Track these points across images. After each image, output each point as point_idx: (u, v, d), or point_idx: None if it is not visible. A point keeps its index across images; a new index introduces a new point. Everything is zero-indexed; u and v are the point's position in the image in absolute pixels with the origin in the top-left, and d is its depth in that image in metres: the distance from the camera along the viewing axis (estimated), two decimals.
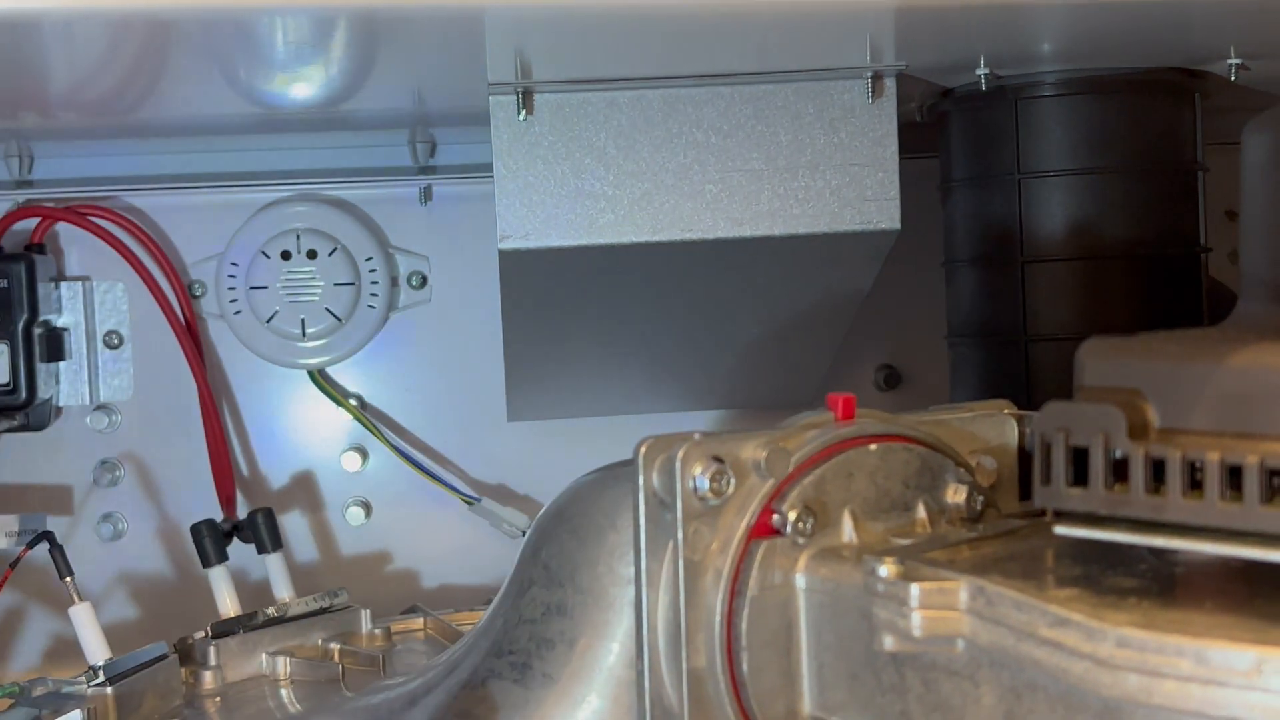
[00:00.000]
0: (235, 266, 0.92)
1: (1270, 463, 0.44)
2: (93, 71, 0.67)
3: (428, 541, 0.96)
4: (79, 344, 0.92)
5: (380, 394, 0.95)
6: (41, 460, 0.93)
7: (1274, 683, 0.41)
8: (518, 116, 0.71)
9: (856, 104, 0.73)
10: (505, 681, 0.63)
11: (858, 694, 0.53)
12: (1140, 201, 0.79)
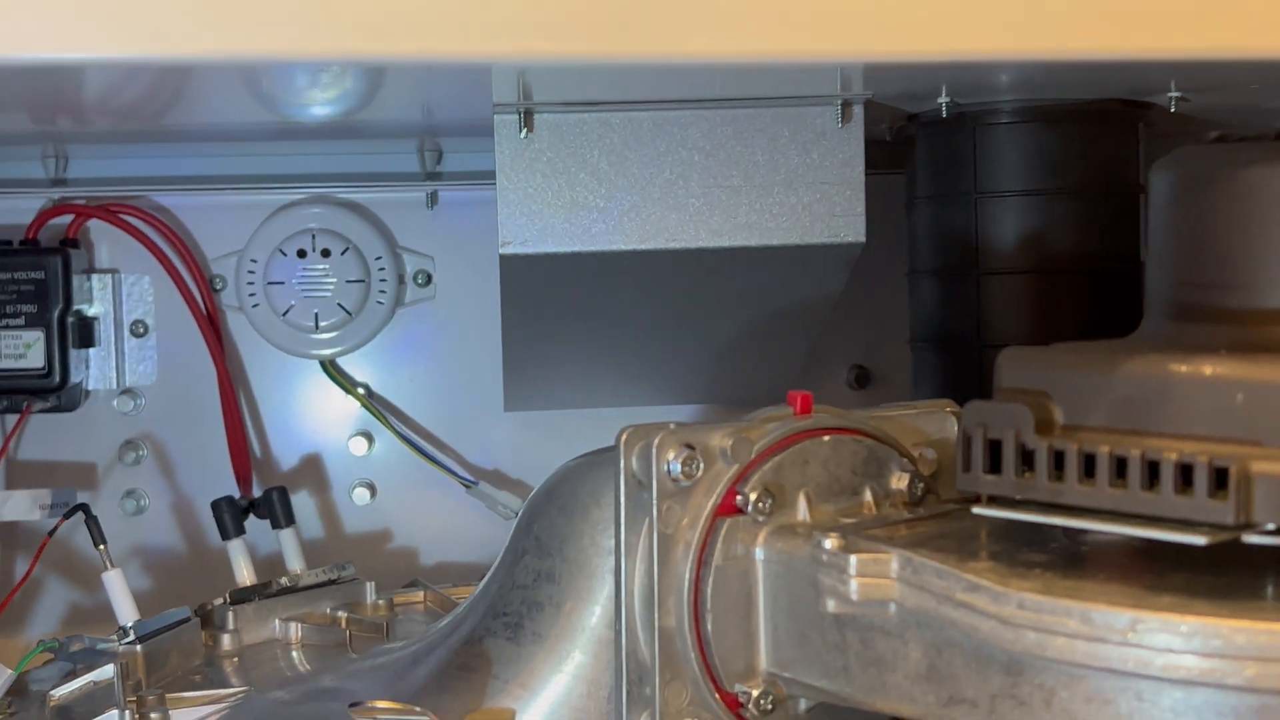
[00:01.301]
0: (254, 263, 0.94)
1: (1150, 455, 0.50)
2: (124, 86, 0.67)
3: (427, 521, 0.98)
4: (108, 332, 0.94)
5: (386, 383, 0.98)
6: (70, 439, 0.95)
7: (1145, 639, 0.46)
8: (519, 134, 0.73)
9: (827, 128, 0.75)
10: (500, 639, 0.66)
11: (806, 651, 0.58)
12: (1086, 220, 0.81)
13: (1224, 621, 0.46)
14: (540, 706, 0.64)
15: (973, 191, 0.82)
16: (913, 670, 0.54)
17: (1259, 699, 0.46)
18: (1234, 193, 0.56)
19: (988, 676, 0.51)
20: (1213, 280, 0.57)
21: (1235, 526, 0.48)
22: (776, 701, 0.60)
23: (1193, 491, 0.49)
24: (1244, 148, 0.56)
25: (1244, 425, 0.50)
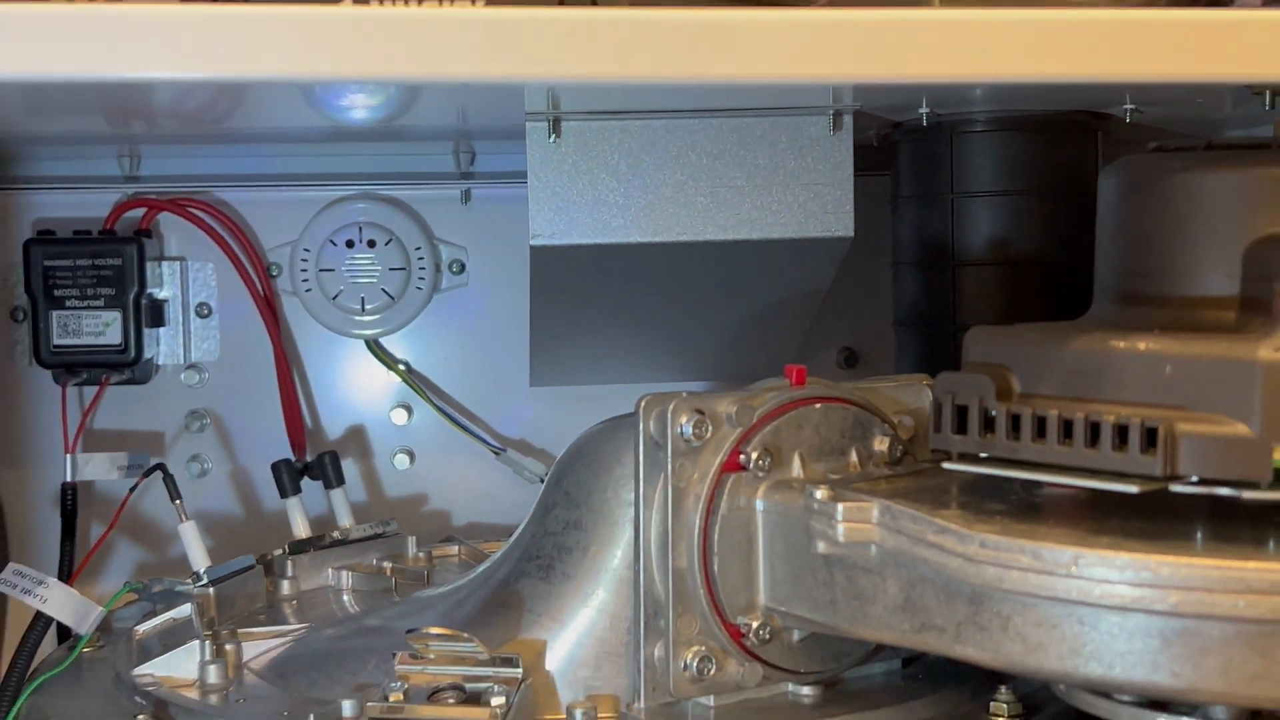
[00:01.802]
0: (307, 252, 0.95)
1: (1092, 418, 0.53)
2: (190, 94, 0.67)
3: (460, 485, 0.99)
4: (176, 313, 0.95)
5: (424, 361, 0.98)
6: (142, 409, 0.95)
7: (1086, 573, 0.49)
8: (548, 139, 0.73)
9: (820, 135, 0.75)
10: (533, 580, 0.67)
11: (799, 588, 0.60)
12: (1050, 218, 0.82)
13: (1152, 557, 0.49)
14: (569, 637, 0.65)
15: (949, 192, 0.83)
16: (890, 602, 0.56)
17: (1181, 623, 0.48)
18: (1166, 196, 0.58)
19: (954, 607, 0.53)
20: (1149, 270, 0.59)
21: (1163, 478, 0.51)
22: (773, 632, 0.62)
23: (1128, 448, 0.52)
24: (1176, 157, 0.58)
25: (1172, 393, 0.52)
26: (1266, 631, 0.48)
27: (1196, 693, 0.50)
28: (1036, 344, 0.57)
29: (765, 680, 0.64)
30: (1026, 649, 0.52)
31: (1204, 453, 0.51)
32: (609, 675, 0.64)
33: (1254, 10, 0.53)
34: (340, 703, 0.61)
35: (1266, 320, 0.52)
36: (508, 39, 0.49)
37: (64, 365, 0.92)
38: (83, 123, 0.79)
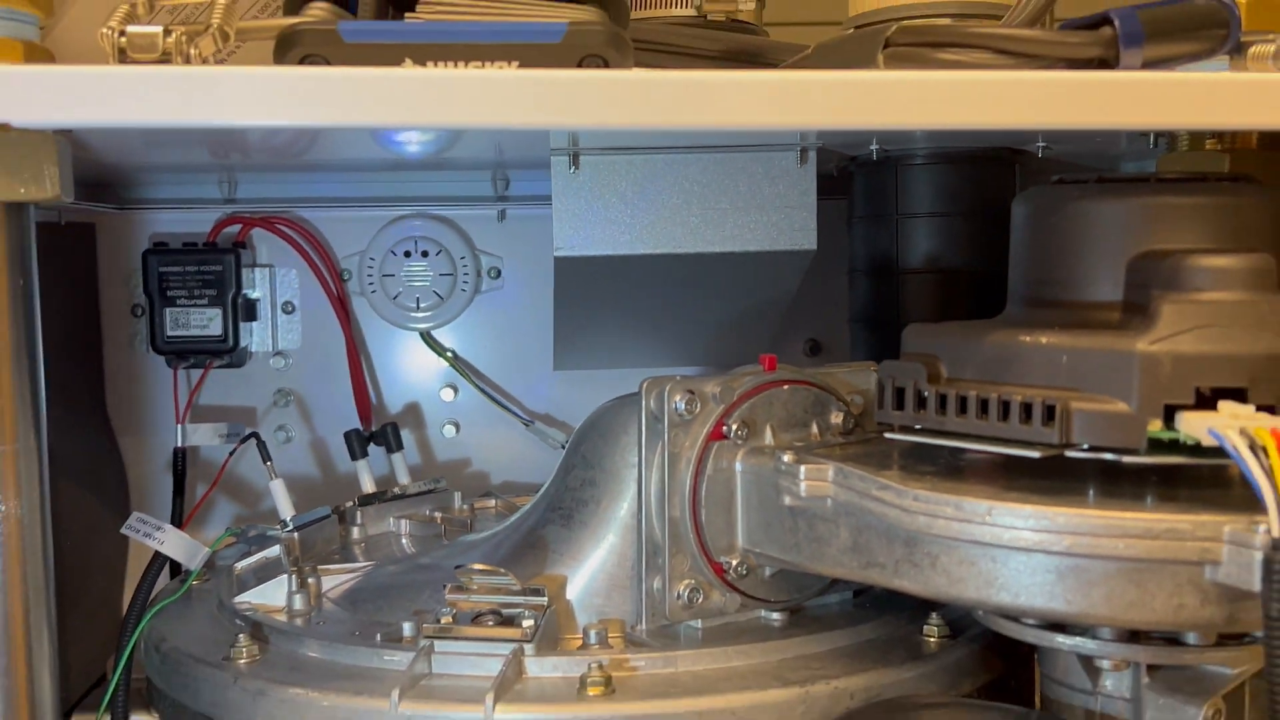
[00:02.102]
0: (373, 260, 0.95)
1: (1004, 397, 0.53)
2: (270, 137, 0.68)
3: (497, 451, 0.99)
4: (265, 310, 0.95)
5: (468, 349, 0.98)
6: (238, 388, 0.96)
7: (998, 521, 0.50)
8: (569, 170, 0.73)
9: (789, 167, 0.74)
10: (556, 527, 0.68)
11: (769, 534, 0.61)
12: (975, 236, 0.81)
13: (1050, 508, 0.50)
14: (584, 573, 0.66)
15: (895, 214, 0.82)
16: (842, 545, 0.57)
17: (1073, 561, 0.49)
18: (1066, 220, 0.58)
19: (893, 548, 0.54)
20: (1051, 279, 0.59)
21: (1060, 445, 0.52)
22: (749, 569, 0.63)
23: (1032, 422, 0.52)
24: (1074, 188, 0.58)
25: (1067, 378, 0.52)
26: (1140, 568, 0.49)
27: (1085, 617, 0.51)
28: (961, 338, 0.57)
29: (743, 607, 0.65)
30: (950, 582, 0.52)
31: (1092, 425, 0.51)
32: (617, 603, 0.65)
33: (1134, 73, 0.53)
34: (401, 624, 0.63)
35: (1144, 320, 0.52)
36: (536, 94, 0.50)
37: (175, 352, 0.92)
38: (190, 156, 0.79)
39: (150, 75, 0.48)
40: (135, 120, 0.48)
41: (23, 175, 0.49)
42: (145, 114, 0.48)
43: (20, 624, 0.52)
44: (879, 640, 0.64)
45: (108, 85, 0.47)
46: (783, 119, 0.51)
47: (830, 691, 0.59)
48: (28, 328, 0.52)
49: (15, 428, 0.51)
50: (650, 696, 0.57)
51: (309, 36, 0.52)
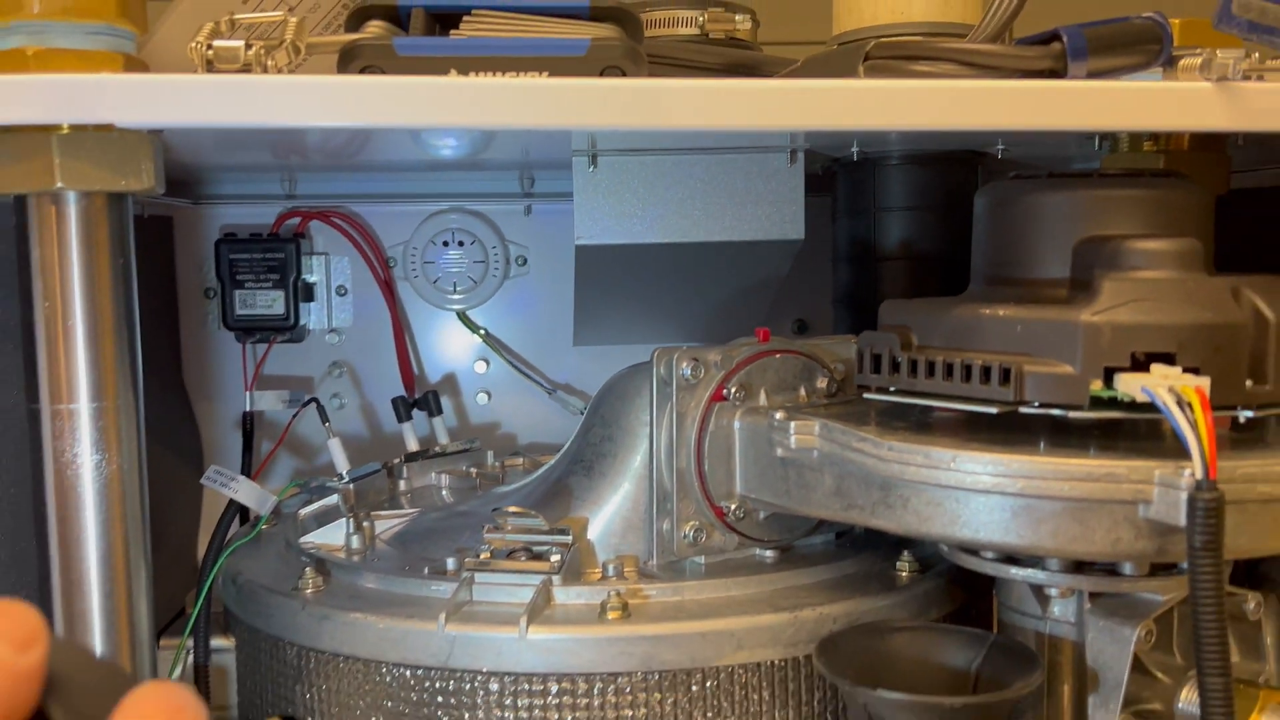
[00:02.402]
0: (415, 249, 0.96)
1: (966, 362, 0.54)
2: (329, 140, 0.68)
3: (523, 415, 0.99)
4: (322, 292, 0.96)
5: (498, 326, 0.98)
6: (298, 360, 0.96)
7: (961, 467, 0.51)
8: (589, 169, 0.72)
9: (781, 166, 0.74)
10: (579, 476, 0.69)
11: (764, 481, 0.62)
12: (942, 227, 0.80)
13: (1005, 456, 0.51)
14: (603, 516, 0.67)
15: (872, 208, 0.82)
16: (826, 490, 0.58)
17: (1025, 501, 0.50)
18: (1021, 209, 0.58)
19: (870, 492, 0.55)
20: (1007, 261, 0.60)
21: (1014, 402, 0.53)
22: (746, 512, 0.64)
23: (990, 383, 0.53)
24: (1028, 182, 0.59)
25: (1021, 344, 0.53)
26: (1083, 507, 0.50)
27: (1036, 549, 0.52)
28: (929, 311, 0.58)
29: (740, 546, 0.66)
30: (920, 520, 0.53)
31: (1042, 385, 0.52)
32: (632, 542, 0.66)
33: (1080, 81, 0.55)
34: (445, 560, 0.64)
35: (1087, 295, 0.53)
36: (564, 99, 0.51)
37: (243, 329, 0.92)
38: (257, 157, 0.79)
39: (234, 82, 0.49)
40: (220, 121, 0.50)
41: (124, 170, 0.51)
42: (228, 115, 0.50)
43: (122, 557, 0.54)
44: (858, 574, 0.65)
45: (198, 91, 0.49)
46: (776, 121, 0.52)
47: (816, 617, 0.60)
48: (126, 301, 0.53)
49: (116, 386, 0.52)
50: (661, 620, 0.59)
51: (368, 50, 0.53)
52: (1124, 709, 0.54)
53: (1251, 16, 0.51)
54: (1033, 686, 0.53)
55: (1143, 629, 0.54)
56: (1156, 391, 0.48)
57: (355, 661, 0.60)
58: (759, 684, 0.59)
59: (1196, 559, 0.47)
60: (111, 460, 0.52)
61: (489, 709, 0.58)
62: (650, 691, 0.58)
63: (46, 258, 0.51)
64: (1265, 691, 0.55)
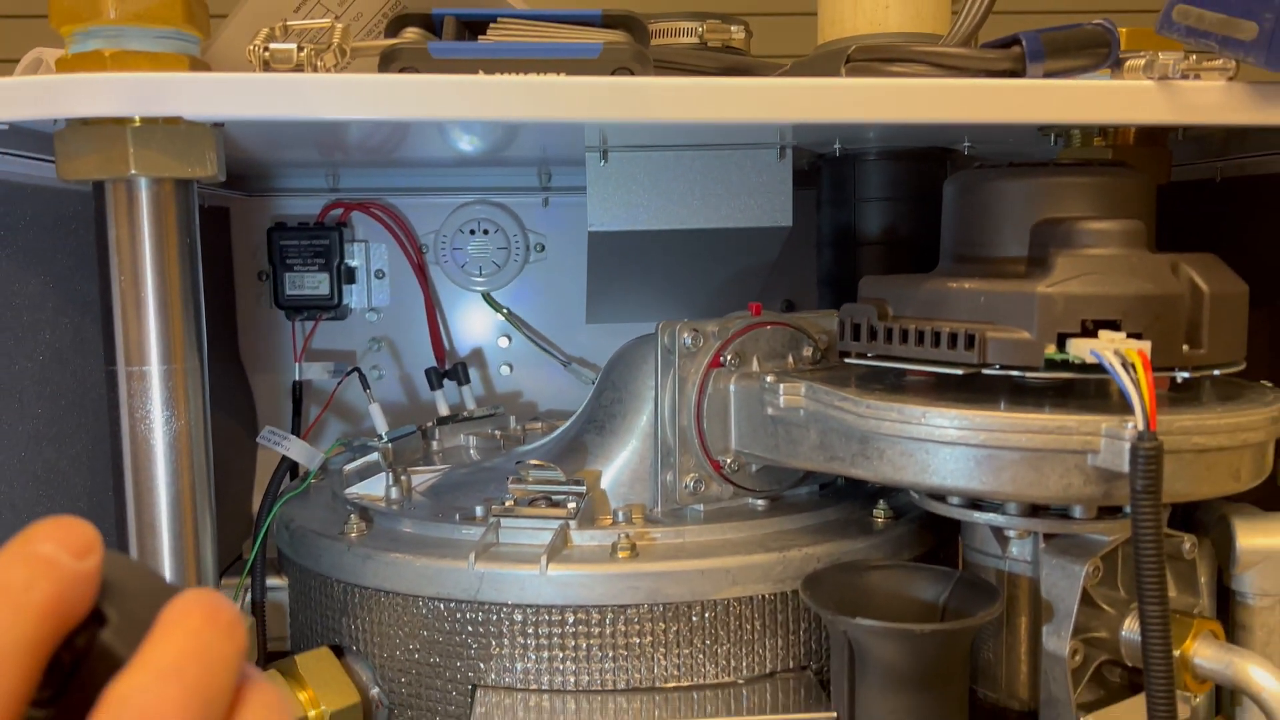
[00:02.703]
0: (445, 237, 0.96)
1: (936, 329, 0.54)
2: (369, 136, 0.68)
3: (542, 385, 0.99)
4: (362, 275, 0.95)
5: (520, 306, 0.97)
6: (342, 335, 0.96)
7: (931, 422, 0.51)
8: (600, 163, 0.72)
9: (772, 161, 0.73)
10: (592, 435, 0.69)
11: (756, 437, 0.62)
12: (915, 214, 0.80)
13: (969, 411, 0.51)
14: (613, 469, 0.67)
15: (853, 198, 0.81)
16: (811, 444, 0.59)
17: (987, 451, 0.51)
18: (984, 195, 0.59)
19: (850, 445, 0.56)
20: (972, 242, 0.60)
21: (978, 365, 0.53)
22: (740, 465, 0.65)
23: (957, 347, 0.54)
24: (990, 171, 0.59)
25: (984, 314, 0.54)
26: (1038, 456, 0.50)
27: (996, 494, 0.53)
28: (903, 285, 0.58)
29: (735, 495, 0.66)
30: (895, 469, 0.54)
31: (1002, 349, 0.53)
32: (639, 492, 0.66)
33: (1037, 80, 0.55)
34: (474, 507, 0.64)
35: (1043, 270, 0.54)
36: (580, 95, 0.51)
37: (293, 308, 0.93)
38: (303, 154, 0.79)
39: (287, 80, 0.50)
40: (275, 114, 0.50)
41: (190, 158, 0.51)
42: (282, 109, 0.50)
43: (189, 502, 0.54)
44: (839, 520, 0.66)
45: (256, 87, 0.49)
46: (767, 115, 0.52)
47: (801, 556, 0.61)
48: (192, 276, 0.54)
49: (183, 351, 0.53)
50: (665, 559, 0.59)
51: (406, 53, 0.54)
52: (1074, 636, 0.55)
53: (1190, 23, 0.51)
54: (992, 616, 0.54)
55: (1091, 565, 0.55)
56: (1104, 354, 0.49)
57: (395, 596, 0.61)
58: (751, 615, 0.60)
59: (1138, 501, 0.47)
60: (179, 416, 0.53)
61: (513, 637, 0.59)
62: (655, 621, 0.59)
63: (121, 237, 0.52)
64: (1199, 620, 0.56)
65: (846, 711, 0.55)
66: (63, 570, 0.22)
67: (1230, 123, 0.51)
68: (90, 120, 0.49)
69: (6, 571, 0.22)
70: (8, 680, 0.21)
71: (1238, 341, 0.54)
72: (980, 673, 0.60)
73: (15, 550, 0.23)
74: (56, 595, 0.22)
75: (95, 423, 0.66)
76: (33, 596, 0.22)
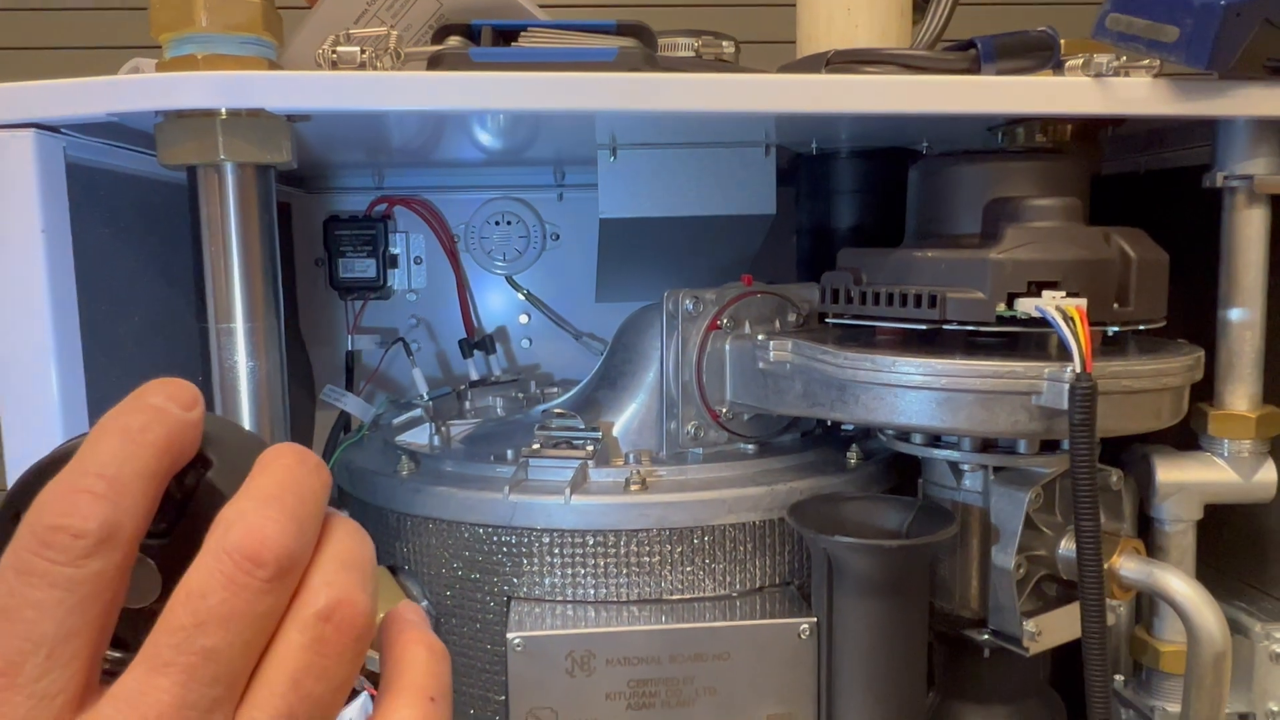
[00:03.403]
0: (474, 228, 0.96)
1: (903, 291, 0.55)
2: (409, 138, 0.68)
3: (556, 354, 0.99)
4: (404, 261, 0.95)
5: (538, 287, 0.97)
6: (386, 313, 0.96)
7: (898, 369, 0.52)
8: (610, 159, 0.72)
9: (758, 158, 0.73)
10: (605, 390, 0.69)
11: (748, 389, 0.63)
12: (883, 206, 0.79)
13: (931, 359, 0.52)
14: (625, 418, 0.67)
15: (828, 191, 0.81)
16: (797, 393, 0.59)
17: (946, 394, 0.52)
18: (943, 179, 0.60)
19: (830, 392, 0.57)
20: (933, 219, 0.61)
21: (939, 321, 0.54)
22: (734, 414, 0.65)
23: (921, 306, 0.55)
24: (948, 158, 0.60)
25: (944, 278, 0.55)
26: (990, 397, 0.52)
27: (954, 430, 0.54)
28: (875, 256, 0.59)
29: (730, 441, 0.67)
30: (868, 411, 0.55)
31: (960, 307, 0.53)
32: (647, 439, 0.67)
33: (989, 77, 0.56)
34: (505, 451, 0.65)
35: (994, 241, 0.55)
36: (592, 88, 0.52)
37: (345, 289, 0.92)
38: (353, 156, 0.80)
39: (352, 77, 0.51)
40: (341, 106, 0.51)
41: (269, 146, 0.52)
42: (348, 101, 0.51)
43: (269, 437, 0.55)
44: (818, 460, 0.67)
45: (325, 83, 0.50)
46: (755, 105, 0.52)
47: (787, 490, 0.62)
48: (270, 248, 0.55)
49: (263, 310, 0.54)
50: (670, 491, 0.60)
51: (449, 57, 0.55)
52: (1018, 554, 0.56)
53: (1120, 29, 0.53)
54: (949, 535, 0.55)
55: (1034, 493, 0.56)
56: (1047, 309, 0.50)
57: (441, 523, 0.62)
58: (744, 538, 0.61)
59: (1076, 433, 0.49)
60: (261, 366, 0.54)
61: (541, 557, 0.60)
62: (662, 544, 0.60)
63: (212, 214, 0.53)
64: (1124, 540, 0.57)
65: (825, 617, 0.56)
66: (172, 417, 0.23)
67: (1155, 113, 0.52)
68: (185, 113, 0.50)
69: (125, 417, 0.23)
70: (130, 499, 0.22)
71: (1160, 301, 0.56)
72: (938, 588, 0.61)
73: (132, 401, 0.24)
74: (167, 436, 0.23)
75: (188, 377, 0.66)
76: (147, 436, 0.23)
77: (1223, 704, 0.52)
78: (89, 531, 0.21)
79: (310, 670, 0.23)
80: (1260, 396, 0.59)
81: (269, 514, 0.23)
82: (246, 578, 0.22)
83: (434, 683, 0.25)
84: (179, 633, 0.22)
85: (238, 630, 0.22)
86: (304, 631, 0.23)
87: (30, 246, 0.50)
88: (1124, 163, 0.79)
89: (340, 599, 0.23)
